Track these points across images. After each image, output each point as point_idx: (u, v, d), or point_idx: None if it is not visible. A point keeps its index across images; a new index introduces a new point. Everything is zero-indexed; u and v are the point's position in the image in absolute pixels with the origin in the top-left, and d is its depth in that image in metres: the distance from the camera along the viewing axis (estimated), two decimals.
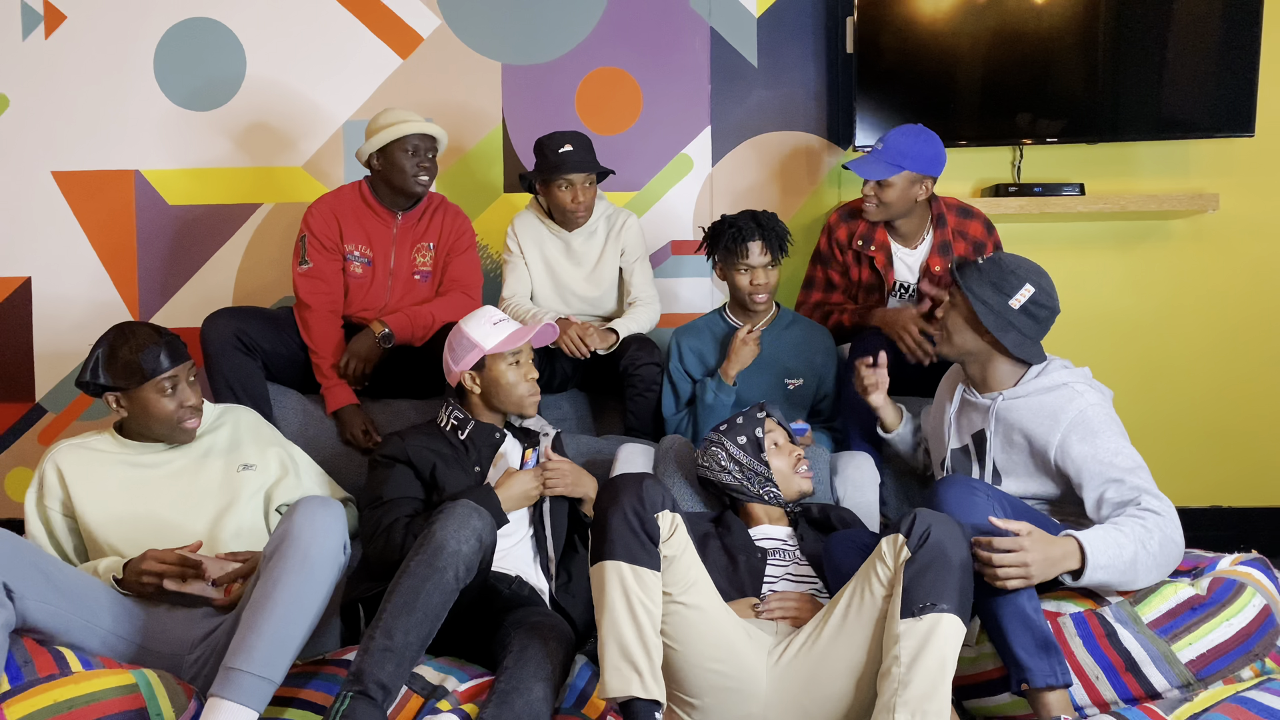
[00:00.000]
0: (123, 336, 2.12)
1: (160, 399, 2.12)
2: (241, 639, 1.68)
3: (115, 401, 2.13)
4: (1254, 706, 1.72)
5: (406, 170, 2.84)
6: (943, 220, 2.88)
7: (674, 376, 2.83)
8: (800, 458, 2.31)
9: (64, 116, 3.51)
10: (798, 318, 2.88)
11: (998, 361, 2.18)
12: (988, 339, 2.15)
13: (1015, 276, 2.12)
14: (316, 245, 2.88)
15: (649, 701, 1.67)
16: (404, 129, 2.81)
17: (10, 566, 1.72)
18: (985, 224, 2.92)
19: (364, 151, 2.87)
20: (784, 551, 2.22)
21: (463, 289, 2.98)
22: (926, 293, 2.75)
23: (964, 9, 3.29)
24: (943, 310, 2.22)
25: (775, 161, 3.52)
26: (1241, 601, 1.87)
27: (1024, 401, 2.14)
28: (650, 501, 1.74)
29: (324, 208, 2.91)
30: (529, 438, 2.41)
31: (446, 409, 2.36)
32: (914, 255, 2.91)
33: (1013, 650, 1.82)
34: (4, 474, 3.57)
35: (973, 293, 2.13)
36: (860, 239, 2.91)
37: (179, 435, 2.18)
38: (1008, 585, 1.80)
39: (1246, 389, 3.52)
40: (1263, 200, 3.47)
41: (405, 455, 2.24)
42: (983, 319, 2.11)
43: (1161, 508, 1.95)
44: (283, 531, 1.77)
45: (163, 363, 2.10)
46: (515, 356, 2.31)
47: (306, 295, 2.86)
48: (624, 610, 1.69)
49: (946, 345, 2.22)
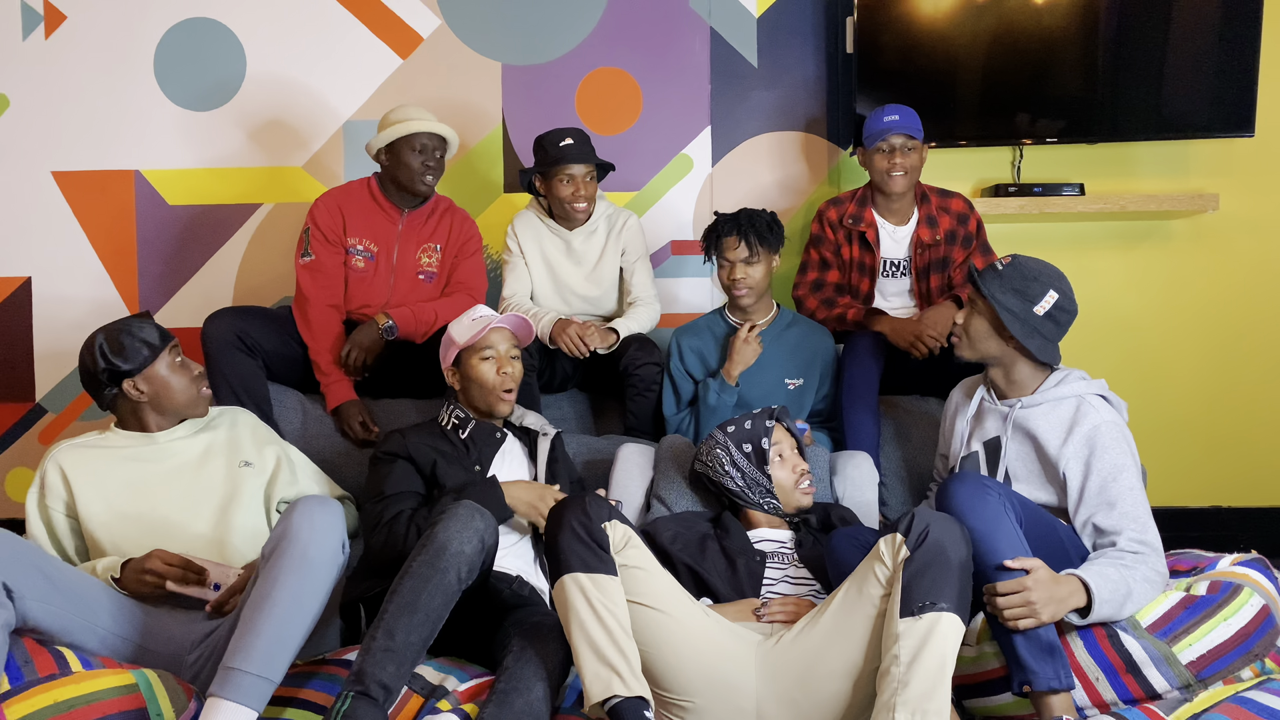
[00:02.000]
0: (112, 329, 2.17)
1: (175, 371, 2.18)
2: (240, 639, 1.68)
3: (134, 387, 2.15)
4: (1254, 707, 1.72)
5: (413, 168, 2.85)
6: (926, 198, 3.01)
7: (675, 376, 2.83)
8: (805, 473, 2.29)
9: (64, 116, 3.51)
10: (798, 318, 2.88)
11: (1020, 365, 2.18)
12: (1012, 344, 2.15)
13: (1039, 283, 2.13)
14: (320, 238, 2.88)
15: (634, 699, 1.67)
16: (413, 126, 2.82)
17: (10, 566, 1.72)
18: (965, 202, 3.03)
19: (373, 145, 2.88)
20: (783, 554, 2.22)
21: (467, 291, 2.99)
22: (918, 263, 2.95)
23: (964, 9, 3.29)
24: (964, 315, 2.22)
25: (775, 161, 3.52)
26: (1240, 602, 1.87)
27: (1040, 410, 2.15)
28: (595, 514, 1.80)
29: (330, 201, 2.92)
30: (528, 436, 2.41)
31: (448, 408, 2.37)
32: (902, 231, 3.00)
33: (1016, 652, 1.82)
34: (4, 474, 3.57)
35: (997, 300, 2.12)
36: (850, 217, 3.00)
37: (199, 404, 2.23)
38: (1018, 626, 1.80)
39: (1246, 389, 3.52)
40: (1263, 200, 3.47)
41: (406, 451, 2.24)
42: (1009, 326, 2.11)
43: (1143, 546, 1.95)
44: (281, 530, 1.76)
45: (161, 337, 2.17)
46: (488, 351, 2.31)
47: (307, 287, 2.86)
48: (590, 617, 1.72)
49: (968, 350, 2.21)
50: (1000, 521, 1.87)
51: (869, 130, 2.92)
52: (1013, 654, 1.82)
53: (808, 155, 3.51)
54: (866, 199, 3.02)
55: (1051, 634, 1.82)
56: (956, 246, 2.98)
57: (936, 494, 1.99)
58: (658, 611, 1.82)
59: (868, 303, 3.03)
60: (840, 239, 3.02)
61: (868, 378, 2.73)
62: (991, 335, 2.16)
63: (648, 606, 1.81)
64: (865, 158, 2.97)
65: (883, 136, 2.88)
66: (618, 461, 2.60)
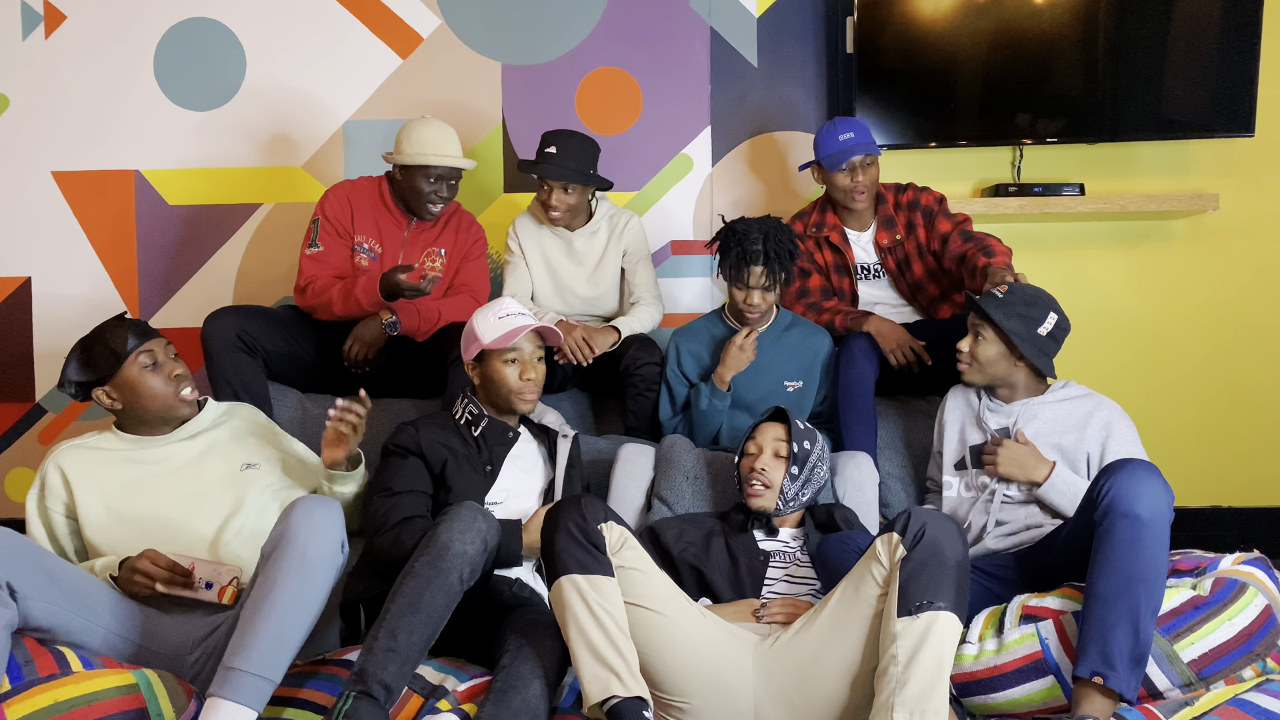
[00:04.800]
0: (88, 337, 2.15)
1: (145, 375, 2.12)
2: (240, 639, 1.68)
3: (106, 395, 2.13)
4: (1253, 709, 1.72)
5: (422, 195, 2.85)
6: (881, 198, 3.02)
7: (671, 381, 2.81)
8: (753, 469, 2.27)
9: (64, 116, 3.51)
10: (796, 319, 2.88)
11: (1023, 378, 2.40)
12: (1022, 364, 2.36)
13: (1039, 306, 2.35)
14: (329, 229, 2.88)
15: (633, 699, 1.67)
16: (430, 159, 2.80)
17: (14, 566, 1.71)
18: (915, 188, 3.02)
19: (391, 157, 2.87)
20: (785, 554, 2.23)
21: (471, 293, 2.98)
22: (890, 269, 3.00)
23: (964, 9, 3.29)
24: (969, 344, 2.38)
25: (775, 161, 3.52)
26: (1243, 601, 1.87)
27: (1050, 406, 2.37)
28: (591, 515, 1.79)
29: (341, 193, 2.92)
30: (547, 436, 2.40)
31: (463, 401, 2.34)
32: (865, 236, 3.04)
33: (1109, 644, 1.76)
34: (4, 474, 3.57)
35: (1008, 328, 2.32)
36: (814, 225, 3.04)
37: (179, 408, 2.17)
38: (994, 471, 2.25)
39: (1247, 389, 3.52)
40: (1263, 200, 3.47)
41: (418, 448, 2.22)
42: (1022, 349, 2.32)
43: None
44: (280, 530, 1.76)
45: (130, 341, 2.12)
46: (513, 355, 2.27)
47: (309, 272, 2.85)
48: (588, 618, 1.72)
49: (978, 375, 2.39)
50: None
51: (825, 151, 2.89)
52: (1103, 641, 1.77)
53: (807, 155, 3.50)
54: (828, 207, 3.05)
55: (1148, 647, 1.78)
56: (920, 231, 2.97)
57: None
58: (654, 613, 1.82)
59: (855, 302, 3.04)
60: (811, 247, 3.05)
61: (863, 380, 2.72)
62: (1002, 359, 2.36)
63: (644, 608, 1.81)
64: (825, 177, 2.96)
65: (844, 158, 2.86)
66: (618, 462, 2.60)
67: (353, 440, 2.18)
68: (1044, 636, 1.89)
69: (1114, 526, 1.82)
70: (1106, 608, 1.79)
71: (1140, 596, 1.78)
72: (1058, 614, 1.92)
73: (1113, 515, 1.83)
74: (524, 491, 2.29)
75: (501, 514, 2.20)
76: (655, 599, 1.83)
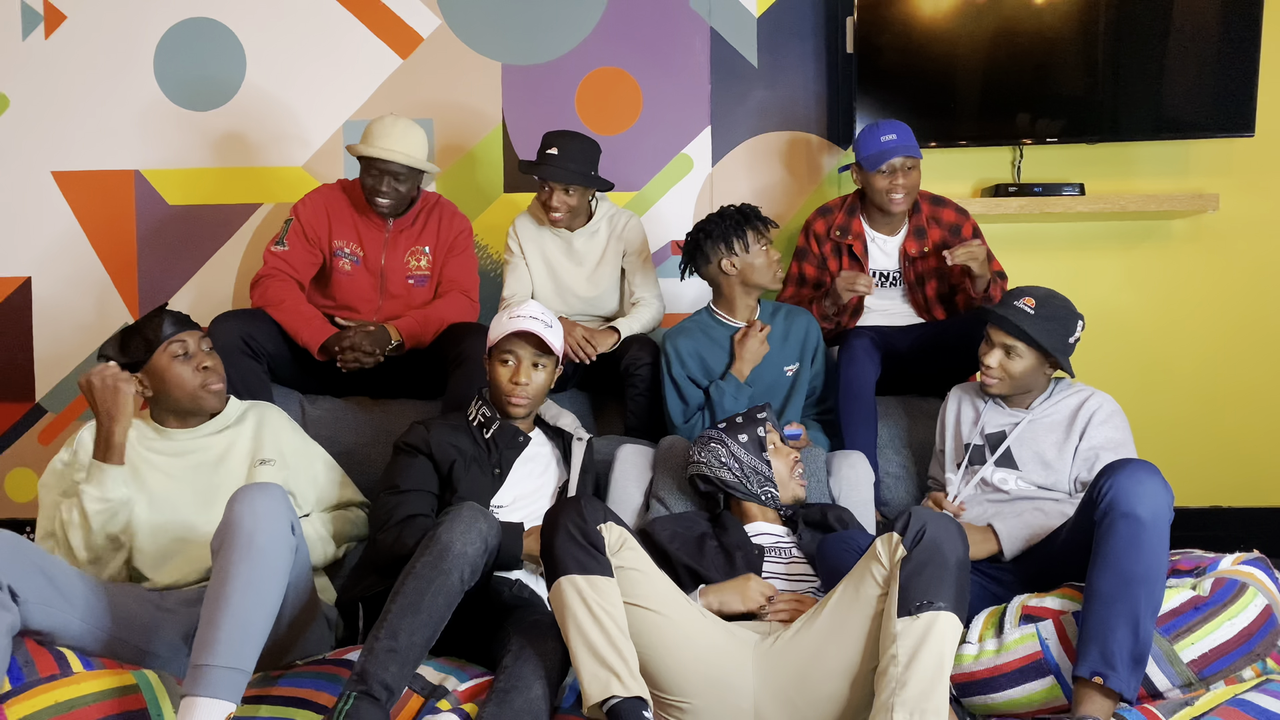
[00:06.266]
0: (129, 327, 2.21)
1: (174, 365, 2.16)
2: (203, 635, 1.68)
3: (139, 381, 2.16)
4: (1253, 709, 1.73)
5: (367, 187, 2.81)
6: (918, 206, 2.97)
7: (679, 381, 2.75)
8: (797, 461, 2.31)
9: (64, 116, 3.51)
10: (778, 305, 2.85)
11: (1041, 383, 2.39)
12: (1055, 373, 2.37)
13: (1070, 317, 2.32)
14: (299, 233, 2.85)
15: (633, 699, 1.67)
16: (372, 151, 2.73)
17: (14, 569, 1.72)
18: (958, 210, 2.99)
19: (351, 148, 2.84)
20: (781, 549, 2.22)
21: (461, 290, 2.95)
22: (910, 275, 2.95)
23: (964, 9, 3.29)
24: (998, 358, 2.32)
25: (775, 161, 3.52)
26: (1243, 601, 1.87)
27: (1053, 405, 2.36)
28: (590, 515, 1.79)
29: (318, 200, 2.89)
30: (561, 438, 2.40)
31: (477, 403, 2.33)
32: (892, 242, 2.97)
33: (1109, 644, 1.76)
34: (4, 474, 3.58)
35: (1048, 345, 2.27)
36: (838, 229, 2.97)
37: (205, 400, 2.20)
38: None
39: (1247, 389, 3.52)
40: (1263, 200, 3.47)
41: (428, 448, 2.22)
42: (1060, 361, 2.30)
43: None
44: (224, 522, 1.77)
45: (166, 329, 2.16)
46: (508, 356, 2.26)
47: (270, 266, 2.82)
48: (587, 618, 1.72)
49: (1006, 388, 2.35)
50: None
51: (866, 151, 2.85)
52: (1104, 641, 1.77)
53: (808, 155, 3.51)
54: (856, 208, 2.99)
55: (1148, 647, 1.78)
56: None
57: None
58: (654, 613, 1.82)
59: (856, 315, 3.00)
60: (827, 252, 2.99)
61: (864, 378, 2.72)
62: (1036, 371, 2.33)
63: (644, 608, 1.81)
64: (863, 178, 2.90)
65: (884, 159, 2.80)
66: (616, 463, 2.59)
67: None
68: (1044, 636, 1.90)
69: (1114, 526, 1.82)
70: (1106, 608, 1.79)
71: (1140, 596, 1.78)
72: (1058, 614, 1.92)
73: (1113, 515, 1.83)
74: (536, 493, 2.30)
75: (507, 517, 2.20)
76: (655, 599, 1.83)
